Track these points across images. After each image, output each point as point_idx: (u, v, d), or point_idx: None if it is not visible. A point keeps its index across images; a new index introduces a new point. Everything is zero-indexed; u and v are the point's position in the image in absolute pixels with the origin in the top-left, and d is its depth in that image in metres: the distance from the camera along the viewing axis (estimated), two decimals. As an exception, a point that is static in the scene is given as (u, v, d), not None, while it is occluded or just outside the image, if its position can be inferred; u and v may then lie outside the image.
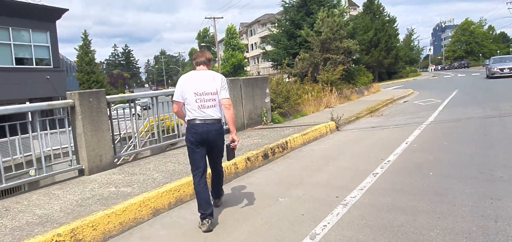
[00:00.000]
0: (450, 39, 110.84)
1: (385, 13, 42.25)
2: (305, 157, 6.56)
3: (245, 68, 73.06)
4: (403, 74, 45.00)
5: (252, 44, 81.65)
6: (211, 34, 77.10)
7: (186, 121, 3.78)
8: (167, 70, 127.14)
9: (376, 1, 41.89)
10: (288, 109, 11.58)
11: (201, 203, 3.66)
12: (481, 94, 14.42)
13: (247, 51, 78.98)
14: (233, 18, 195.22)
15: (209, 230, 3.58)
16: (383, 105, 13.42)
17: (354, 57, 16.72)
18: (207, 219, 3.61)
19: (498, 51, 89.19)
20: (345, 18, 17.57)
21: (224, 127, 3.92)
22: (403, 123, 9.24)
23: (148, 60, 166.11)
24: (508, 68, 23.00)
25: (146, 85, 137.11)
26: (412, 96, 16.85)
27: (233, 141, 3.79)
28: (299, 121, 10.39)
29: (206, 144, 3.72)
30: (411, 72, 49.57)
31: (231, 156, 3.91)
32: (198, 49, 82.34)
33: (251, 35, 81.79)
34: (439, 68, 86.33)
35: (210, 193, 3.89)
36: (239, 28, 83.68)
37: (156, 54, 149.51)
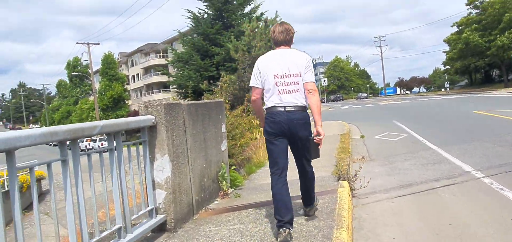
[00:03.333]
0: (323, 75, 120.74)
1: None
2: None
3: (126, 101, 64.93)
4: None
5: (133, 76, 74.06)
6: (85, 62, 66.82)
7: (265, 109, 3.23)
8: (28, 106, 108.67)
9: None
10: (238, 158, 7.15)
11: (278, 207, 3.11)
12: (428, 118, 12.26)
13: (128, 83, 70.91)
14: (111, 49, 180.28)
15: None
16: (346, 143, 9.99)
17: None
18: (284, 228, 3.00)
19: (362, 87, 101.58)
20: None
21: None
22: (436, 176, 5.70)
23: (2, 94, 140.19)
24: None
25: (0, 122, 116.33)
26: (356, 130, 14.01)
27: (318, 134, 3.11)
28: (269, 179, 6.05)
29: (288, 136, 3.16)
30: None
31: (315, 152, 3.20)
32: (68, 81, 70.82)
33: (132, 65, 74.30)
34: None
35: (291, 198, 3.20)
36: (118, 58, 75.26)
37: (14, 87, 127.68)
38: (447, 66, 60.77)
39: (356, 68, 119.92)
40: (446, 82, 67.77)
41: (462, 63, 47.30)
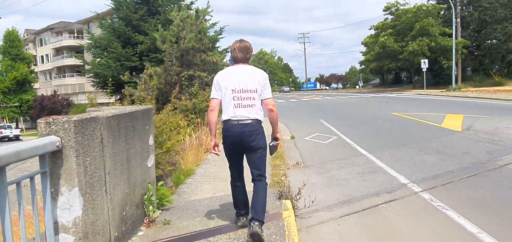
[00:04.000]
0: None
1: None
2: None
3: (32, 84, 58.24)
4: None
5: (42, 56, 66.87)
6: (-20, 38, 58.05)
7: (221, 122, 3.52)
8: None
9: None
10: (165, 169, 6.32)
11: (237, 204, 3.73)
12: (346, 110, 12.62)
13: (35, 64, 63.69)
14: (15, 24, 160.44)
15: (244, 226, 3.56)
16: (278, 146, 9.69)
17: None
18: (242, 216, 3.68)
19: (285, 80, 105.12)
20: (208, 24, 13.13)
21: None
22: (375, 189, 5.56)
23: None
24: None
25: None
26: (285, 129, 13.87)
27: (276, 139, 3.73)
28: (200, 194, 5.37)
29: (242, 147, 3.47)
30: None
31: (273, 151, 3.79)
32: None
33: (41, 45, 67.01)
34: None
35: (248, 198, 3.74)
36: (24, 36, 67.23)
37: None
38: (363, 66, 64.99)
39: (279, 62, 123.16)
40: (359, 81, 72.98)
41: (377, 65, 50.90)
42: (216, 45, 13.93)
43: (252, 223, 3.24)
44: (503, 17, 39.42)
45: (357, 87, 67.82)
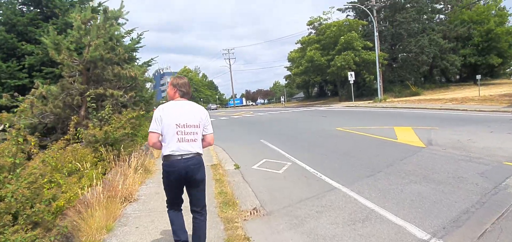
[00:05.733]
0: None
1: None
2: None
3: None
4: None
5: None
6: None
7: (162, 156, 3.57)
8: None
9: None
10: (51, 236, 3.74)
11: (175, 230, 3.69)
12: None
13: None
14: None
15: None
16: (223, 182, 7.47)
17: (145, 95, 9.82)
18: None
19: (211, 98, 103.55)
20: (122, 30, 10.32)
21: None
22: None
23: None
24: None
25: None
26: (225, 155, 11.62)
27: None
28: None
29: (184, 180, 3.55)
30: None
31: None
32: None
33: None
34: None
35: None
36: None
37: None
38: (288, 81, 65.54)
39: (204, 79, 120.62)
40: (281, 96, 73.59)
41: (303, 79, 51.21)
42: (134, 56, 11.23)
43: None
44: (417, 31, 41.96)
45: (282, 102, 68.21)
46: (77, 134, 7.78)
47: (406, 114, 19.64)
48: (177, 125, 3.45)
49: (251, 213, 5.50)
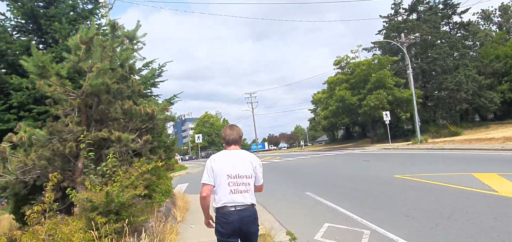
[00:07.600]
0: (193, 131, 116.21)
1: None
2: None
3: None
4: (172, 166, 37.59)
5: None
6: None
7: (214, 208, 3.38)
8: None
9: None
10: None
11: None
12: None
13: None
14: None
15: None
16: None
17: (165, 140, 7.45)
18: None
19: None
20: (136, 55, 8.07)
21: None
22: None
23: None
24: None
25: None
26: (271, 219, 9.01)
27: None
28: None
29: (238, 233, 3.34)
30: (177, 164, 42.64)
31: None
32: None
33: None
34: (187, 158, 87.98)
35: None
36: None
37: None
38: (312, 123, 62.99)
39: (225, 124, 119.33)
40: (301, 140, 70.63)
41: (329, 121, 48.52)
42: (152, 92, 8.96)
43: None
44: (452, 67, 39.22)
45: (302, 146, 65.40)
46: (71, 197, 5.40)
47: (464, 156, 16.62)
48: (229, 176, 3.33)
49: None
